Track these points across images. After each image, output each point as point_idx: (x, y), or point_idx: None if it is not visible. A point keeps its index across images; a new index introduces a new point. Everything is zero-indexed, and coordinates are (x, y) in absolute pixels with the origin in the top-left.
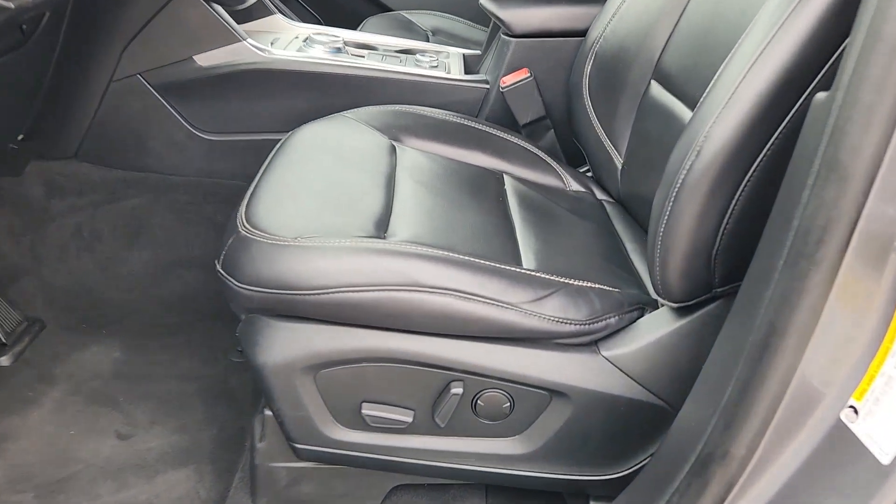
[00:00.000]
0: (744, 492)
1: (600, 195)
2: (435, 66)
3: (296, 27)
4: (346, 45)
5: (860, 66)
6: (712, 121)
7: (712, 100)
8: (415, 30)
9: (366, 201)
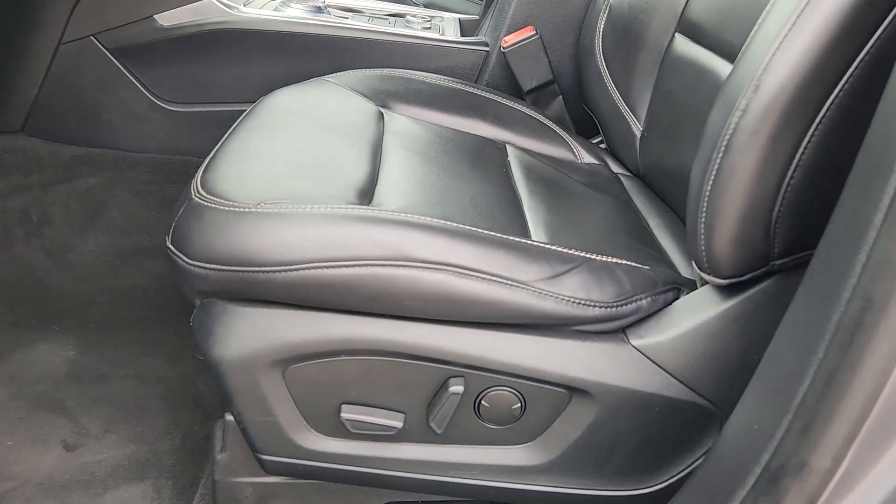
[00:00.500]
0: None
1: (616, 168)
2: (428, 29)
3: None
4: (327, 5)
5: None
6: (769, 55)
7: (764, 36)
8: None
9: (347, 168)
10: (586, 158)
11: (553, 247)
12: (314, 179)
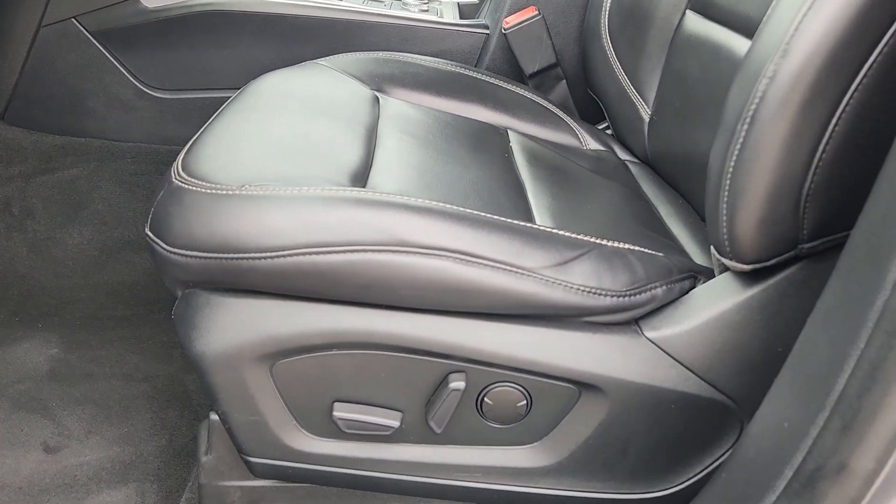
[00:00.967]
0: None
1: (623, 155)
2: (426, 11)
3: None
4: None
5: None
6: (800, 15)
7: (786, 6)
8: None
9: (339, 151)
10: (592, 144)
11: (561, 232)
12: (303, 162)
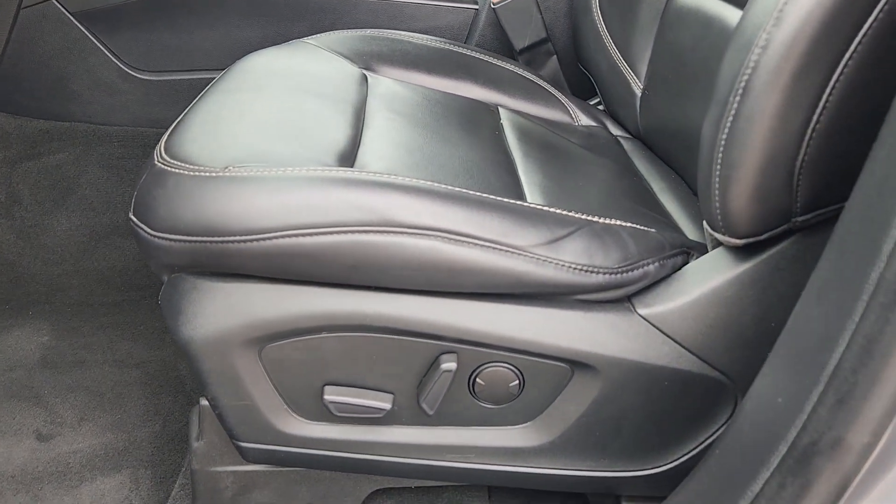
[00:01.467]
0: (863, 491)
1: (615, 130)
2: None
3: None
4: None
5: None
6: None
7: None
8: None
9: (326, 131)
10: (583, 120)
11: (551, 209)
12: (289, 142)
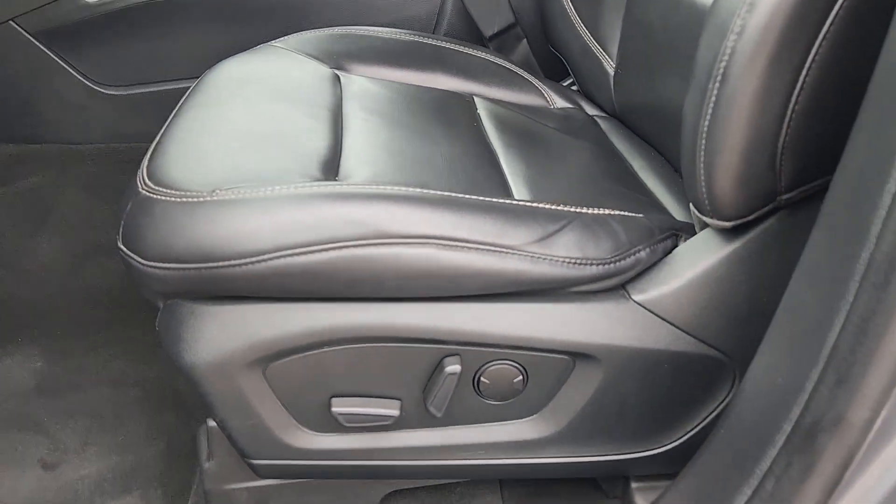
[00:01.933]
0: (866, 464)
1: (591, 110)
2: None
3: None
4: None
5: None
6: None
7: None
8: None
9: (305, 140)
10: (559, 103)
11: (540, 205)
12: (271, 156)
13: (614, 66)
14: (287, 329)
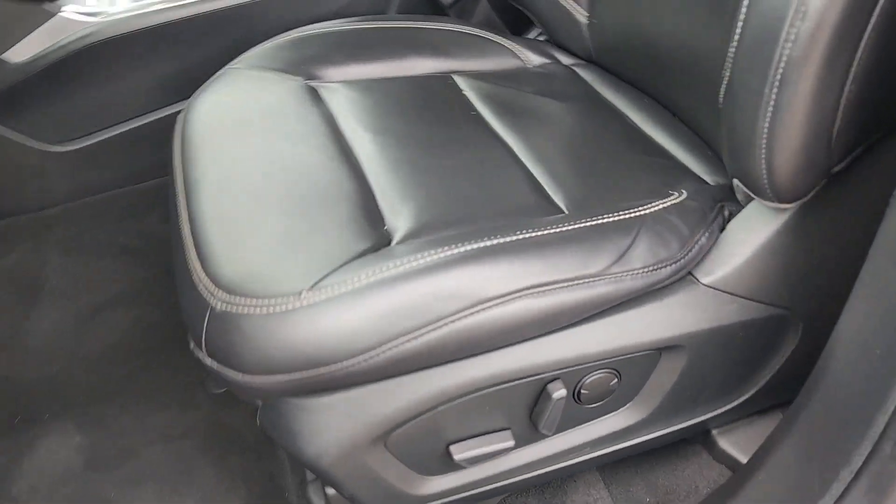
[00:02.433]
0: None
1: (566, 60)
2: None
3: None
4: None
5: None
6: None
7: None
8: None
9: (335, 190)
10: (534, 60)
11: (602, 219)
12: (319, 224)
13: (586, 14)
14: (402, 402)
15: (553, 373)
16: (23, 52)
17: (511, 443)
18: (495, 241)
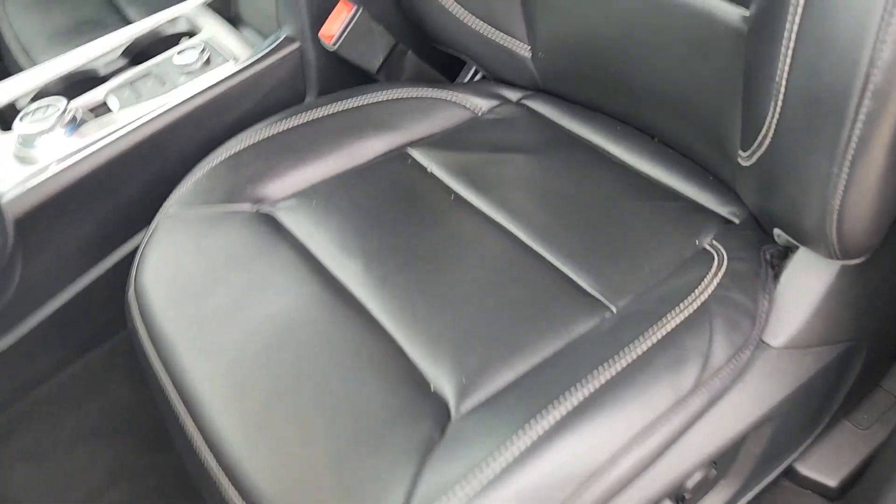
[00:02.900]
0: None
1: (513, 94)
2: (206, 62)
3: None
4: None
5: None
6: (870, 45)
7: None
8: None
9: (355, 351)
10: (483, 105)
11: (668, 320)
12: (366, 416)
13: (528, 47)
14: None
15: (657, 500)
16: None
17: None
18: (580, 397)
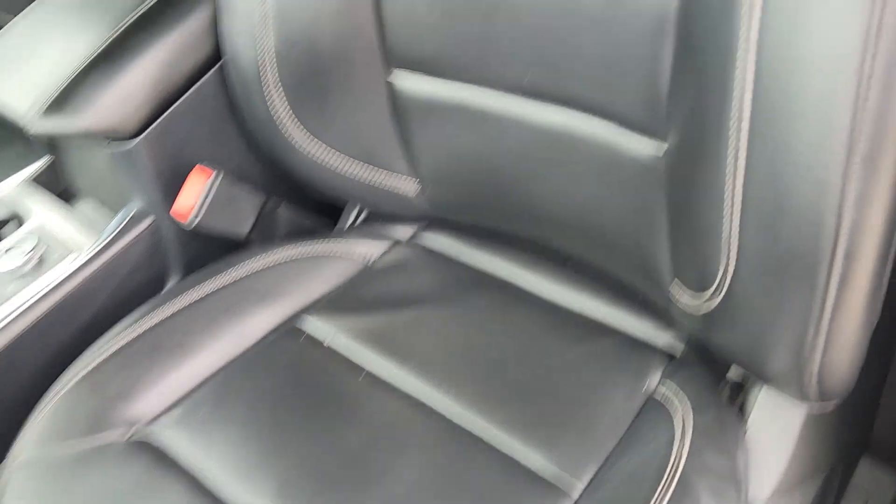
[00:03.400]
0: None
1: (402, 233)
2: (39, 260)
3: None
4: None
5: None
6: (836, 194)
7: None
8: None
9: None
10: (373, 253)
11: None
12: None
13: (416, 182)
14: None
15: None
16: None
17: None
18: None
